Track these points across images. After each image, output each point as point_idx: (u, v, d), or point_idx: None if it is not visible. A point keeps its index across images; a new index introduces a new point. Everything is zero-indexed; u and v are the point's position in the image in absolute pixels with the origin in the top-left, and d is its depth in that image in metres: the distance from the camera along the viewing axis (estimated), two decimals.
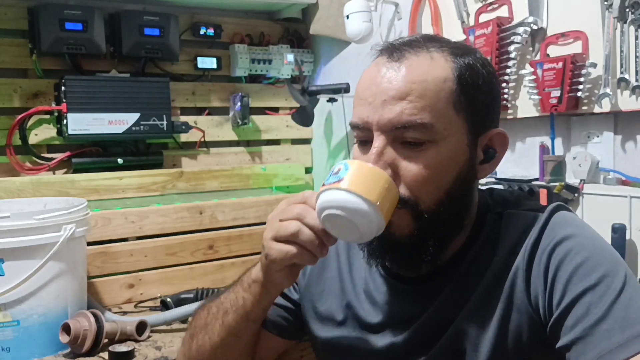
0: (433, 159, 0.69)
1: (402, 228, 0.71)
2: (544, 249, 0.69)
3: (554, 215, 0.72)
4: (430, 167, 0.69)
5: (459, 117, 0.70)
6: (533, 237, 0.70)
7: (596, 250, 0.67)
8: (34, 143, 1.76)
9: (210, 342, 0.86)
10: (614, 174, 1.21)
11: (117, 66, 1.87)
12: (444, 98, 0.69)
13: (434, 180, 0.69)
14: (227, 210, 1.73)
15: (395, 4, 1.74)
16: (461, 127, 0.70)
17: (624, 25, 1.15)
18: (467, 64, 0.71)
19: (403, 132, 0.69)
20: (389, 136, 0.70)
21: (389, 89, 0.69)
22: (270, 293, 0.80)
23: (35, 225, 1.20)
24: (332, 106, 2.03)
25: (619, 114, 1.21)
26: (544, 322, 0.68)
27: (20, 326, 1.21)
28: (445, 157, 0.69)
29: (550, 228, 0.70)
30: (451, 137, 0.70)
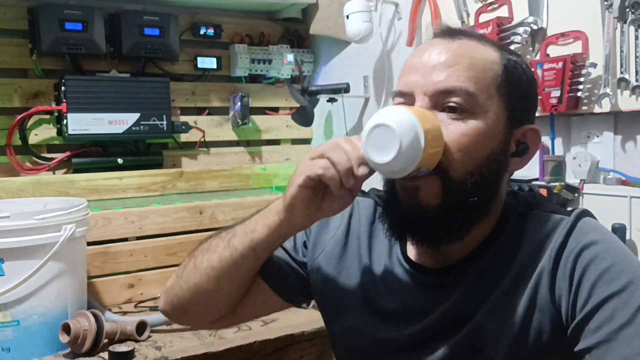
0: (471, 129, 0.70)
1: (430, 197, 0.70)
2: (571, 252, 0.69)
3: (581, 220, 0.72)
4: (467, 136, 0.70)
5: (500, 99, 0.72)
6: (559, 239, 0.70)
7: (622, 257, 0.68)
8: (34, 143, 1.76)
9: (208, 262, 0.82)
10: (614, 174, 1.21)
11: (117, 66, 1.87)
12: (490, 77, 0.72)
13: (468, 150, 0.70)
14: (227, 210, 1.73)
15: (395, 4, 1.74)
16: (501, 109, 0.72)
17: (624, 25, 1.15)
18: (513, 60, 0.75)
19: (446, 97, 0.70)
20: (431, 100, 0.71)
21: (438, 57, 0.72)
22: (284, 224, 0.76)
23: (35, 225, 1.21)
24: (332, 106, 2.03)
25: (619, 114, 1.21)
26: (565, 324, 0.68)
27: (20, 326, 1.21)
28: (482, 131, 0.70)
29: (576, 232, 0.70)
30: (490, 114, 0.71)
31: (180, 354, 1.22)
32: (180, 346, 1.27)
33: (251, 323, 1.41)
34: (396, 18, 1.76)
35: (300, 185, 0.72)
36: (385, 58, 1.82)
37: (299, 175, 0.72)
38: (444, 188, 0.70)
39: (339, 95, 1.90)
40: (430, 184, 0.70)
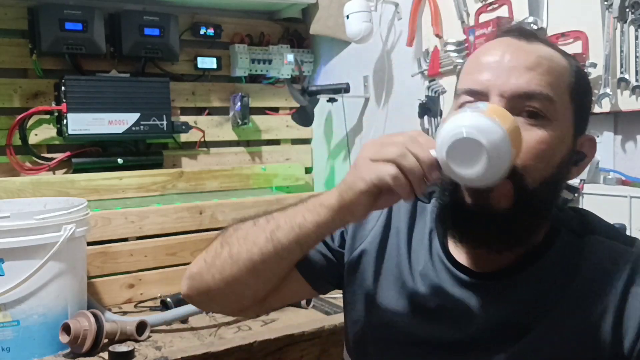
0: (548, 135, 0.68)
1: (502, 201, 0.67)
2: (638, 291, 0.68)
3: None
4: (544, 143, 0.67)
5: (572, 106, 0.71)
6: (626, 274, 0.69)
7: None
8: (34, 143, 1.76)
9: (248, 254, 0.77)
10: (614, 174, 1.21)
11: (117, 66, 1.87)
12: (565, 83, 0.70)
13: (544, 157, 0.68)
14: (227, 210, 1.73)
15: (395, 4, 1.74)
16: (571, 117, 0.71)
17: (624, 25, 1.15)
18: (581, 67, 0.74)
19: (525, 102, 0.68)
20: (508, 103, 0.68)
21: (518, 57, 0.69)
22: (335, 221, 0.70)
23: (35, 225, 1.21)
24: (332, 106, 2.03)
25: (619, 114, 1.21)
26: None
27: (20, 326, 1.21)
28: (557, 138, 0.69)
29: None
30: (563, 122, 0.70)
31: (180, 354, 1.22)
32: (180, 346, 1.27)
33: (251, 323, 1.41)
34: (396, 18, 1.76)
35: (363, 192, 0.65)
36: (385, 58, 1.82)
37: (362, 180, 0.65)
38: (517, 193, 0.67)
39: (339, 95, 1.90)
40: (503, 188, 0.66)
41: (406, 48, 1.70)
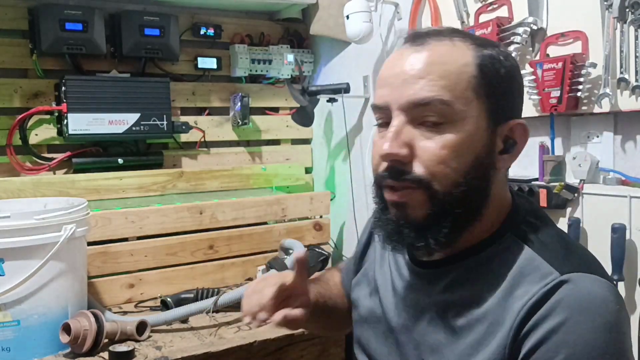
0: (451, 139, 0.69)
1: (417, 208, 0.71)
2: (536, 324, 0.66)
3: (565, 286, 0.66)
4: (447, 147, 0.69)
5: (478, 101, 0.71)
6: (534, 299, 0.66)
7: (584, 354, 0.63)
8: (34, 143, 1.76)
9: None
10: (613, 174, 1.21)
11: (117, 66, 1.87)
12: (464, 81, 0.70)
13: (450, 161, 0.69)
14: (227, 210, 1.73)
15: (395, 4, 1.74)
16: (481, 111, 0.71)
17: (624, 25, 1.14)
18: (489, 54, 0.72)
19: (422, 111, 0.70)
20: (408, 115, 0.71)
21: (410, 69, 0.71)
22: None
23: (35, 225, 1.21)
24: (332, 106, 2.03)
25: (619, 114, 1.21)
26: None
27: (21, 326, 1.21)
28: (463, 139, 0.70)
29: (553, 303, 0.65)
30: (470, 120, 0.70)
31: (180, 353, 1.22)
32: (180, 346, 1.27)
33: None
34: (396, 18, 1.76)
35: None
36: (385, 58, 1.82)
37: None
38: (430, 200, 0.70)
39: (339, 95, 1.90)
40: (416, 198, 0.71)
41: None
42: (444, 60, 0.71)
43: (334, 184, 2.14)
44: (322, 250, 1.71)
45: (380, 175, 0.73)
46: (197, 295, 1.49)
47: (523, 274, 0.69)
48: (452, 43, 0.72)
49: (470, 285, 0.73)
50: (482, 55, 0.72)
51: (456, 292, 0.74)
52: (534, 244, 0.72)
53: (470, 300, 0.72)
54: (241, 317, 0.82)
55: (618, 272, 1.15)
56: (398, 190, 0.72)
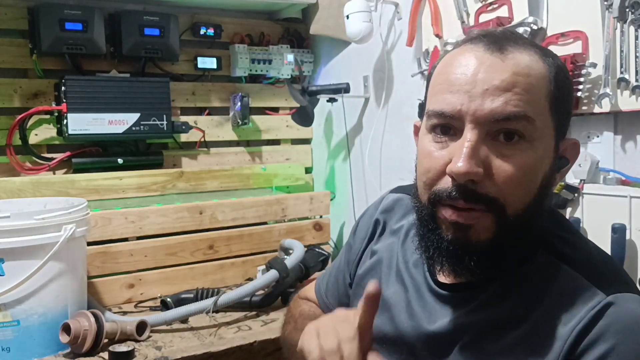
0: (527, 158, 0.65)
1: (482, 233, 0.66)
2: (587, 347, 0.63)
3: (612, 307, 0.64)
4: (524, 168, 0.64)
5: (552, 118, 0.66)
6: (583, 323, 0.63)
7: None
8: (34, 143, 1.76)
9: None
10: (614, 174, 1.21)
11: (117, 66, 1.87)
12: (544, 96, 0.66)
13: (526, 183, 0.65)
14: (227, 210, 1.73)
15: (395, 4, 1.74)
16: (552, 129, 0.67)
17: (624, 25, 1.14)
18: (558, 66, 0.68)
19: (503, 125, 0.64)
20: (482, 130, 0.65)
21: (492, 78, 0.64)
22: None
23: (35, 225, 1.21)
24: (332, 106, 2.03)
25: (619, 114, 1.21)
26: None
27: (20, 326, 1.21)
28: (537, 158, 0.65)
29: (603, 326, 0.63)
30: (544, 138, 0.66)
31: (180, 354, 1.22)
32: (180, 346, 1.27)
33: (251, 323, 1.41)
34: (396, 18, 1.76)
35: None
36: (385, 58, 1.82)
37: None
38: (498, 224, 0.65)
39: (339, 95, 1.90)
40: (484, 221, 0.65)
41: (406, 48, 1.70)
42: (528, 72, 0.65)
43: (334, 184, 2.14)
44: (322, 250, 1.71)
45: (443, 193, 0.66)
46: (197, 295, 1.49)
47: (564, 294, 0.66)
48: (528, 52, 0.67)
49: (505, 308, 0.69)
50: (555, 67, 0.67)
51: (489, 316, 0.69)
52: (571, 261, 0.68)
53: (506, 323, 0.68)
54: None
55: None
56: (464, 211, 0.66)
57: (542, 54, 0.68)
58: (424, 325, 0.75)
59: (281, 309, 1.51)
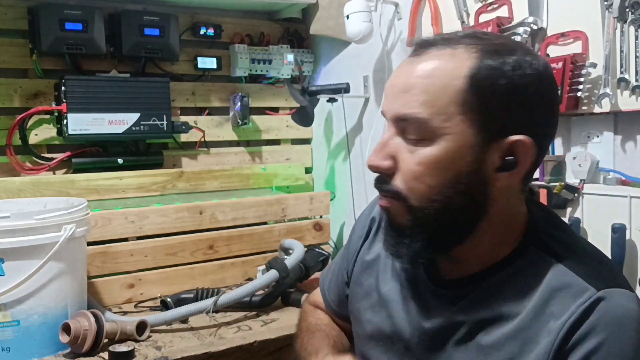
0: (426, 156, 0.68)
1: (398, 216, 0.73)
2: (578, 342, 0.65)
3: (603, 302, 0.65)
4: (423, 164, 0.68)
5: (465, 116, 0.67)
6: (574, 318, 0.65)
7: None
8: (34, 143, 1.76)
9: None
10: (614, 174, 1.21)
11: (117, 66, 1.87)
12: (448, 95, 0.67)
13: (425, 178, 0.68)
14: (227, 210, 1.73)
15: (395, 4, 1.74)
16: (466, 126, 0.67)
17: (624, 25, 1.15)
18: (488, 65, 0.67)
19: (402, 124, 0.70)
20: (397, 127, 0.71)
21: (399, 82, 0.71)
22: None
23: (35, 225, 1.21)
24: (332, 106, 2.03)
25: (619, 114, 1.21)
26: None
27: (20, 326, 1.21)
28: (440, 156, 0.68)
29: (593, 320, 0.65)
30: (451, 136, 0.67)
31: (180, 354, 1.22)
32: (180, 346, 1.27)
33: (251, 323, 1.41)
34: (396, 18, 1.76)
35: None
36: (385, 58, 1.82)
37: None
38: (409, 212, 0.71)
39: (339, 95, 1.90)
40: (397, 207, 0.72)
41: (406, 48, 1.70)
42: (432, 73, 0.68)
43: (334, 184, 2.14)
44: (322, 250, 1.71)
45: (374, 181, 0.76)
46: (197, 296, 1.49)
47: (555, 289, 0.68)
48: (452, 52, 0.69)
49: (497, 303, 0.71)
50: (480, 66, 0.67)
51: (482, 311, 0.72)
52: (561, 256, 0.70)
53: (498, 318, 0.70)
54: None
55: None
56: (385, 197, 0.74)
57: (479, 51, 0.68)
58: (420, 322, 0.78)
59: (281, 309, 1.51)
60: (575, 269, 0.69)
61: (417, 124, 0.68)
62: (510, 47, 0.70)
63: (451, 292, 0.76)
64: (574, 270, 0.68)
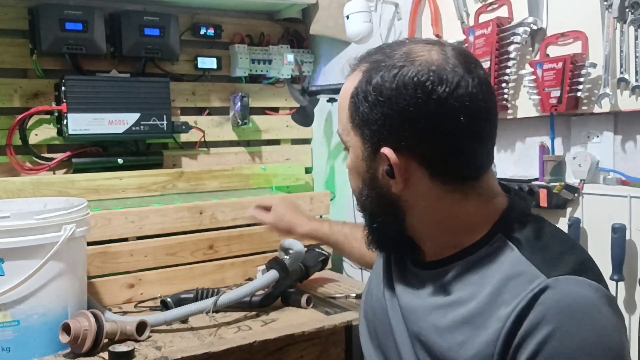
0: (348, 163, 0.80)
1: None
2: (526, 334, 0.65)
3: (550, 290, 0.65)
4: (348, 170, 0.80)
5: (355, 131, 0.75)
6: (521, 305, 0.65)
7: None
8: (34, 143, 1.76)
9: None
10: (613, 174, 1.21)
11: (117, 66, 1.87)
12: (346, 112, 0.76)
13: (350, 183, 0.81)
14: (227, 210, 1.73)
15: (395, 4, 1.74)
16: (357, 140, 0.75)
17: (624, 25, 1.15)
18: (366, 80, 0.73)
19: None
20: None
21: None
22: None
23: (35, 225, 1.21)
24: (332, 106, 2.03)
25: (619, 114, 1.21)
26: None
27: (20, 326, 1.21)
28: (350, 165, 0.79)
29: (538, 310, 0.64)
30: (352, 149, 0.77)
31: (180, 354, 1.22)
32: (180, 346, 1.27)
33: (251, 323, 1.41)
34: (396, 18, 1.76)
35: None
36: None
37: None
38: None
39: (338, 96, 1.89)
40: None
41: None
42: (342, 94, 0.78)
43: (334, 184, 2.14)
44: (322, 250, 1.71)
45: None
46: (197, 295, 1.49)
47: (509, 277, 0.69)
48: (353, 74, 0.76)
49: (458, 288, 0.73)
50: (358, 86, 0.74)
51: (444, 294, 0.74)
52: (522, 244, 0.71)
53: (457, 302, 0.72)
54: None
55: (618, 272, 1.15)
56: None
57: (366, 69, 0.73)
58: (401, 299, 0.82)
59: (281, 308, 1.51)
60: (532, 258, 0.69)
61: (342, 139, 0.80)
62: (387, 64, 0.72)
63: (427, 273, 0.79)
64: (530, 259, 0.69)
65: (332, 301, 1.57)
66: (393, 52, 0.73)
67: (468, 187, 0.73)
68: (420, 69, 0.69)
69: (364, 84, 0.73)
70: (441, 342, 0.71)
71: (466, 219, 0.75)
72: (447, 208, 0.74)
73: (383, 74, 0.71)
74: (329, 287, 1.72)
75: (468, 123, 0.69)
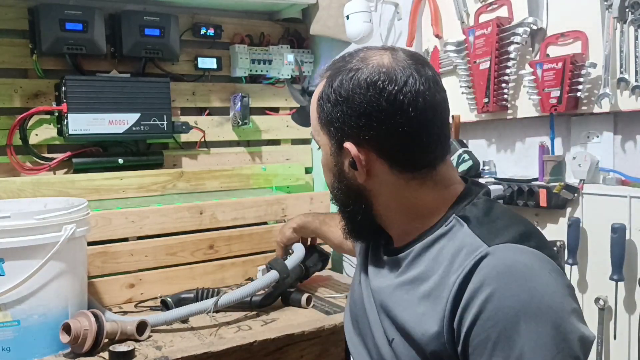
0: (321, 161, 0.89)
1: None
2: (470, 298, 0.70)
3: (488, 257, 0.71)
4: (322, 165, 0.90)
5: (323, 130, 0.84)
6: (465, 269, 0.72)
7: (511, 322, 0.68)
8: (34, 143, 1.76)
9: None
10: (613, 174, 1.21)
11: (118, 66, 1.87)
12: (315, 114, 0.85)
13: (324, 174, 0.90)
14: (227, 210, 1.73)
15: (395, 4, 1.75)
16: (325, 138, 0.84)
17: (624, 25, 1.15)
18: (329, 84, 0.81)
19: None
20: None
21: None
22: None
23: (35, 225, 1.21)
24: None
25: (619, 114, 1.21)
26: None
27: (21, 326, 1.21)
28: (323, 161, 0.88)
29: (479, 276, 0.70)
30: (323, 147, 0.86)
31: (180, 353, 1.22)
32: (180, 346, 1.27)
33: (251, 323, 1.41)
34: (396, 18, 1.76)
35: None
36: None
37: None
38: None
39: None
40: None
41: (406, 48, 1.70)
42: (312, 99, 0.86)
43: None
44: (322, 250, 1.71)
45: None
46: (197, 295, 1.49)
47: (458, 250, 0.75)
48: (322, 80, 0.83)
49: (418, 266, 0.80)
50: (322, 90, 0.82)
51: (407, 273, 0.81)
52: (471, 221, 0.77)
53: (417, 279, 0.79)
54: None
55: (618, 272, 1.15)
56: None
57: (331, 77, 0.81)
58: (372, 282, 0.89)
59: (281, 308, 1.51)
60: (478, 231, 0.75)
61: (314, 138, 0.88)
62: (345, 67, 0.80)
63: (392, 258, 0.86)
64: (476, 232, 0.75)
65: (332, 301, 1.57)
66: (352, 58, 0.82)
67: (425, 175, 0.80)
68: (372, 70, 0.78)
69: (327, 88, 0.81)
70: (406, 316, 0.78)
71: (424, 205, 0.81)
72: (407, 195, 0.81)
73: (342, 77, 0.79)
74: (329, 287, 1.72)
75: (417, 117, 0.76)
